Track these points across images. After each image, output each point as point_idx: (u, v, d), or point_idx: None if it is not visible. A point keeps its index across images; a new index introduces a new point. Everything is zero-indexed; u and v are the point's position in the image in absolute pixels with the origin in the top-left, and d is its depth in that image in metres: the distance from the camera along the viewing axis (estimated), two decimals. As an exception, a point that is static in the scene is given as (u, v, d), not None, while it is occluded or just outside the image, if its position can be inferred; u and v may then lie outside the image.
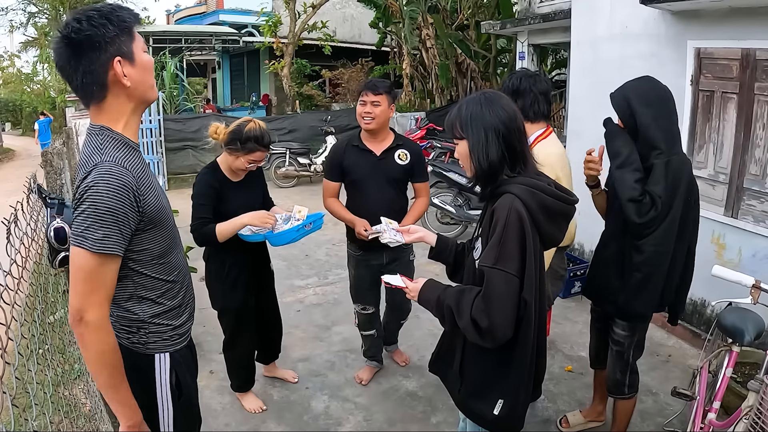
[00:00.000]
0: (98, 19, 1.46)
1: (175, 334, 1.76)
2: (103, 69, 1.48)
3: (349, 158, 3.21)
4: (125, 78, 1.51)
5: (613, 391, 2.79)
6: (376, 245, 3.07)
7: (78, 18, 1.47)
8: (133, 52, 1.53)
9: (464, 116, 1.81)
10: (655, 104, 2.45)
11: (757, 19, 3.59)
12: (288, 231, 2.96)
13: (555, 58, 14.94)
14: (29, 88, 30.44)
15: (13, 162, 18.71)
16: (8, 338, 1.33)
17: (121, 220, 1.47)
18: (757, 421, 2.09)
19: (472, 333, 1.72)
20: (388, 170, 3.20)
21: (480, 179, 1.84)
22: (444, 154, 9.10)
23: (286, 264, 6.02)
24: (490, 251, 1.71)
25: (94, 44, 1.46)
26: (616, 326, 2.70)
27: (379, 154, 3.20)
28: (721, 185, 3.97)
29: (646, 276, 2.49)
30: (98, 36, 1.46)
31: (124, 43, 1.51)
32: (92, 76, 1.49)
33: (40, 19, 22.06)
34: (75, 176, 1.87)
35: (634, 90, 2.50)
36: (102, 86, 1.51)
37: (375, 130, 3.17)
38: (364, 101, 3.12)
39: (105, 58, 1.48)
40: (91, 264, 1.45)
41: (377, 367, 3.77)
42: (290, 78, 15.29)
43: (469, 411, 1.96)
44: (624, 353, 2.69)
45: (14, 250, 1.62)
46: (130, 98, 1.57)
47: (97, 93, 1.52)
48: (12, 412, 1.25)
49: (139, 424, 1.60)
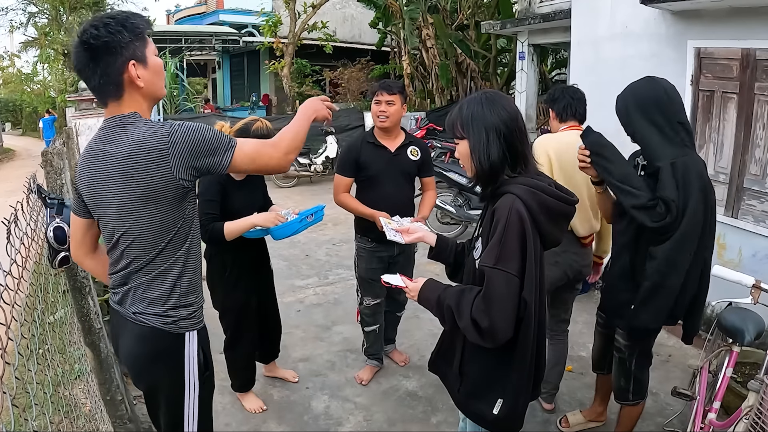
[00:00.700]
0: (114, 26, 1.60)
1: (199, 311, 1.89)
2: (119, 71, 1.63)
3: (365, 154, 3.35)
4: (139, 79, 1.65)
5: (619, 397, 2.75)
6: None
7: (96, 25, 1.60)
8: (146, 56, 1.68)
9: (465, 116, 1.80)
10: (652, 109, 2.33)
11: (758, 19, 3.59)
12: (291, 223, 2.97)
13: (555, 58, 14.95)
14: (29, 88, 30.42)
15: (13, 162, 18.71)
16: (8, 338, 1.33)
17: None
18: (757, 421, 2.09)
19: (472, 333, 1.72)
20: (402, 165, 3.38)
21: (480, 179, 1.83)
22: (444, 154, 9.09)
23: (286, 264, 6.02)
24: (491, 251, 1.71)
25: (111, 49, 1.60)
26: (618, 334, 2.67)
27: (393, 151, 3.37)
28: (721, 185, 3.97)
29: (654, 285, 2.32)
30: (114, 42, 1.60)
31: (137, 48, 1.65)
32: (109, 78, 1.62)
33: (40, 19, 22.02)
34: (73, 178, 1.87)
35: (632, 94, 2.41)
36: (118, 86, 1.65)
37: (389, 128, 3.33)
38: (379, 101, 3.28)
39: (121, 62, 1.62)
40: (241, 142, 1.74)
41: (377, 367, 3.78)
42: (290, 78, 15.29)
43: (469, 410, 1.96)
44: (626, 361, 2.64)
45: (14, 250, 1.61)
46: (144, 96, 1.71)
47: (113, 92, 1.66)
48: (12, 412, 1.25)
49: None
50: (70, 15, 19.00)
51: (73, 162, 4.98)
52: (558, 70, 15.11)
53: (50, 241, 2.04)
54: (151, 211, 1.67)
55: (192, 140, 1.62)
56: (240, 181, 3.06)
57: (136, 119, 1.67)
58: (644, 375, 2.68)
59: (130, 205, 1.66)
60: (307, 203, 3.52)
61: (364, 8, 16.16)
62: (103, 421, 2.46)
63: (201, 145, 1.63)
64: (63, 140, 4.02)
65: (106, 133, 1.68)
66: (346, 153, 3.45)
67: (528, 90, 9.33)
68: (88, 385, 2.52)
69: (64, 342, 2.33)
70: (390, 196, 3.31)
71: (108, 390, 2.78)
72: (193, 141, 1.62)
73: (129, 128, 1.65)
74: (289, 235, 3.02)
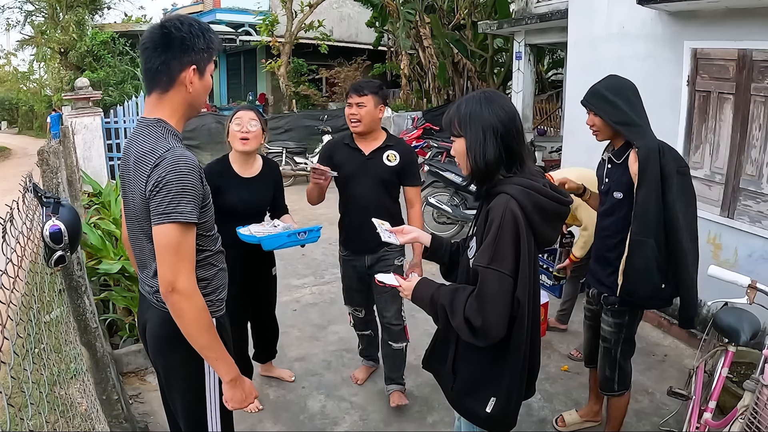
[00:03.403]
0: (197, 30, 1.72)
1: (219, 300, 1.95)
2: (179, 68, 1.71)
3: (339, 155, 3.18)
4: (191, 84, 1.74)
5: (604, 388, 2.83)
6: (359, 247, 3.24)
7: (182, 20, 1.73)
8: (205, 70, 1.78)
9: (463, 114, 1.81)
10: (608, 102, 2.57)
11: (754, 20, 3.59)
12: (279, 234, 2.90)
13: (552, 58, 14.99)
14: (25, 87, 30.32)
15: (9, 161, 18.63)
16: (4, 337, 1.32)
17: (198, 194, 1.69)
18: (752, 420, 2.10)
19: (465, 332, 1.73)
20: (376, 170, 3.11)
21: (476, 178, 1.84)
22: (440, 154, 9.11)
23: (282, 263, 5.99)
24: (485, 251, 1.72)
25: (185, 46, 1.70)
26: (604, 322, 2.76)
27: (367, 154, 3.13)
28: (717, 185, 3.98)
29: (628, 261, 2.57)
30: (191, 42, 1.70)
31: (203, 59, 1.76)
32: (168, 68, 1.70)
33: (36, 18, 21.94)
34: (70, 176, 1.87)
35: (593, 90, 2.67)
36: (171, 80, 1.72)
37: (363, 132, 3.10)
38: (350, 103, 3.07)
39: (185, 61, 1.71)
40: (180, 235, 1.64)
41: (373, 367, 3.77)
42: (287, 77, 15.28)
43: (462, 408, 1.97)
44: (611, 350, 2.74)
45: (10, 249, 1.61)
46: (184, 103, 1.78)
47: (164, 84, 1.73)
48: (8, 411, 1.25)
49: (239, 376, 1.81)
50: (66, 13, 18.91)
51: (70, 161, 4.96)
52: (555, 70, 15.16)
53: (46, 240, 2.03)
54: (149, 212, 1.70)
55: (159, 187, 1.63)
56: (246, 178, 3.06)
57: (156, 130, 1.73)
58: (628, 364, 2.80)
59: (138, 202, 1.73)
60: (303, 203, 3.51)
61: (361, 7, 16.13)
62: (99, 421, 2.46)
63: (159, 197, 1.63)
64: (59, 139, 4.01)
65: (135, 130, 1.78)
66: (324, 151, 3.34)
67: (524, 90, 9.33)
68: (84, 385, 2.51)
69: (59, 341, 2.32)
70: (361, 200, 3.10)
71: (104, 389, 2.77)
72: (158, 188, 1.63)
73: (147, 135, 1.72)
74: (276, 248, 2.93)
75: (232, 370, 1.79)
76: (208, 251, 1.88)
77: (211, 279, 1.90)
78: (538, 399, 3.44)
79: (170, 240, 1.63)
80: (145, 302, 1.94)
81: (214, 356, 1.75)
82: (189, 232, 1.67)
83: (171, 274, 1.64)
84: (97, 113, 8.95)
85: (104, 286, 4.13)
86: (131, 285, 3.95)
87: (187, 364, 1.86)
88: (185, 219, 1.63)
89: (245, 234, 2.89)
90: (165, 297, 1.66)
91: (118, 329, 4.01)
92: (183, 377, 1.92)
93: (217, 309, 1.93)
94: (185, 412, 1.96)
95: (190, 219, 1.65)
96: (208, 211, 1.83)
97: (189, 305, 1.66)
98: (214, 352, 1.74)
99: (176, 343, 1.77)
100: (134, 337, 3.86)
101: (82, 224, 2.62)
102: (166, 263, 1.64)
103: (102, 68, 16.37)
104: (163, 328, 1.83)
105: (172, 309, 1.68)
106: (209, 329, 1.73)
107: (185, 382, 1.92)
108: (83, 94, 8.88)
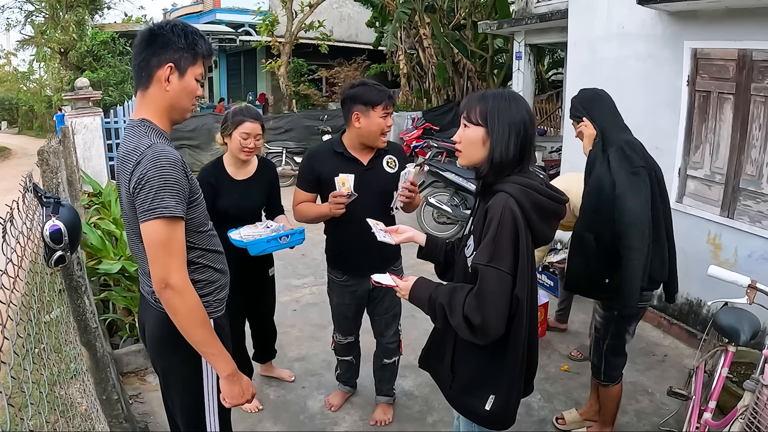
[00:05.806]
0: (179, 31, 1.75)
1: (217, 300, 1.94)
2: (157, 64, 1.73)
3: (328, 166, 2.75)
4: (167, 83, 1.74)
5: (594, 374, 2.93)
6: (362, 270, 2.80)
7: (168, 22, 1.78)
8: (186, 70, 1.77)
9: (491, 107, 1.81)
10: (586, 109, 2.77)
11: (754, 20, 3.59)
12: (259, 240, 2.82)
13: (552, 58, 14.98)
14: (25, 87, 30.29)
15: (9, 161, 18.61)
16: (4, 337, 1.33)
17: (182, 188, 1.69)
18: (752, 420, 2.10)
19: (464, 330, 1.73)
20: (379, 180, 2.75)
21: (487, 171, 1.83)
22: (441, 154, 9.09)
23: (282, 263, 6.01)
24: (484, 249, 1.72)
25: (164, 44, 1.73)
26: (596, 312, 2.90)
27: (366, 164, 2.78)
28: (717, 185, 3.98)
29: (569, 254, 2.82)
30: (170, 40, 1.73)
31: (184, 59, 1.75)
32: (147, 64, 1.74)
33: (37, 18, 21.92)
34: (70, 176, 1.87)
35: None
36: (149, 77, 1.75)
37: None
38: (387, 113, 2.71)
39: (163, 58, 1.73)
40: (168, 230, 1.64)
41: (350, 392, 3.51)
42: (287, 77, 15.28)
43: (461, 406, 1.97)
44: (600, 340, 2.85)
45: (10, 249, 1.61)
46: (165, 105, 1.78)
47: (144, 80, 1.76)
48: (8, 411, 1.25)
49: (236, 372, 1.81)
50: (66, 13, 18.89)
51: (70, 161, 4.96)
52: (555, 70, 15.14)
53: (46, 240, 2.03)
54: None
55: (141, 184, 1.63)
56: (240, 181, 3.05)
57: (139, 129, 1.74)
58: (616, 359, 2.84)
59: (126, 201, 1.75)
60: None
61: (361, 7, 16.14)
62: (99, 421, 2.46)
63: (142, 194, 1.63)
64: (59, 139, 4.01)
65: (124, 131, 1.83)
66: (307, 164, 2.84)
67: (524, 90, 9.32)
68: (84, 385, 2.51)
69: (59, 341, 2.32)
70: (363, 218, 2.36)
71: (104, 389, 2.77)
72: (141, 185, 1.63)
73: (132, 135, 1.74)
74: (260, 253, 2.84)
75: (229, 366, 1.78)
76: (201, 249, 1.86)
77: (206, 280, 1.89)
78: (538, 399, 3.44)
79: (158, 236, 1.63)
80: (145, 302, 1.95)
81: (210, 351, 1.75)
82: (176, 226, 1.66)
83: (162, 270, 1.64)
84: (97, 113, 8.94)
85: (104, 286, 4.13)
86: (131, 285, 3.95)
87: (185, 365, 1.87)
88: (170, 213, 1.62)
89: (236, 239, 2.85)
90: (158, 294, 1.67)
91: (118, 329, 4.01)
92: (181, 378, 1.92)
93: (215, 309, 1.93)
94: (183, 413, 1.97)
95: (175, 213, 1.64)
96: (198, 207, 1.81)
97: (182, 301, 1.66)
98: (210, 347, 1.74)
99: (174, 344, 1.78)
100: (134, 337, 3.86)
101: (82, 224, 2.62)
102: (157, 260, 1.64)
103: (102, 68, 16.34)
104: (161, 330, 1.84)
105: (166, 305, 1.68)
106: (204, 324, 1.72)
107: (183, 382, 1.92)
108: (83, 94, 8.87)
